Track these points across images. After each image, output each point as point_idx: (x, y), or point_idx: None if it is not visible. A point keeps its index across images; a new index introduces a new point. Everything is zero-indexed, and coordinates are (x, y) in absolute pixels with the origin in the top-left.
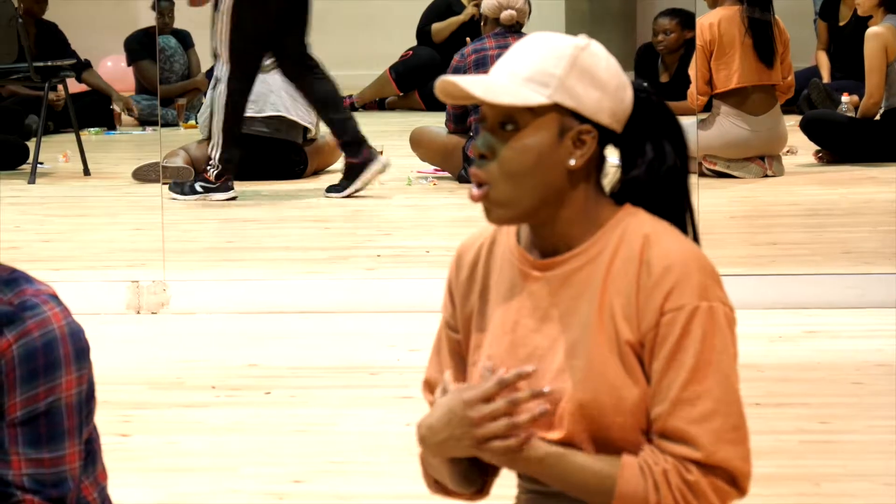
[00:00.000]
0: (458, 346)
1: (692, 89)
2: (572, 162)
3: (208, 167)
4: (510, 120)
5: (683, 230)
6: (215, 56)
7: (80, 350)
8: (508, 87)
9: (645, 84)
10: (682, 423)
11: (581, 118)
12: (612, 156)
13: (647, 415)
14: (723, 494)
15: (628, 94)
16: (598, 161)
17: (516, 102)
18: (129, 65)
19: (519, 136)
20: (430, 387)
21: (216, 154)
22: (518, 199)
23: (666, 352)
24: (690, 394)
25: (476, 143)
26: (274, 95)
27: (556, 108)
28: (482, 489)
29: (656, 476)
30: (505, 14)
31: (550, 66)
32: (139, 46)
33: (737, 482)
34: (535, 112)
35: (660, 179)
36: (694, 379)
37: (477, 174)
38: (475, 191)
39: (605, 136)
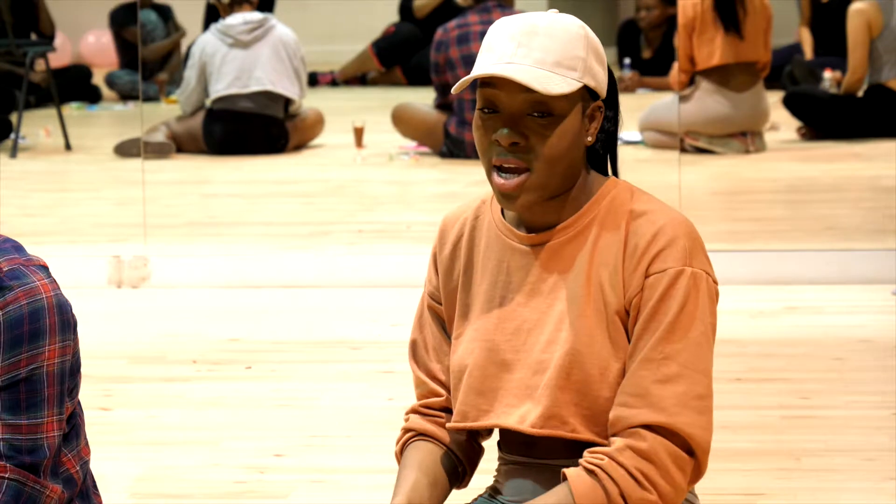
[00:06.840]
0: (441, 316)
1: (675, 68)
2: (589, 139)
3: None
4: (543, 107)
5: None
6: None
7: (66, 322)
8: (550, 77)
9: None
10: (647, 381)
11: (593, 94)
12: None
13: None
14: (681, 462)
15: None
16: None
17: (565, 90)
18: (115, 37)
19: (557, 121)
20: (415, 349)
21: None
22: (552, 182)
23: (645, 313)
24: (658, 353)
25: (502, 134)
26: (259, 69)
27: (581, 89)
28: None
29: (607, 468)
30: None
31: (574, 49)
32: (125, 19)
33: (694, 452)
34: (568, 97)
35: (612, 140)
36: (666, 339)
37: (515, 162)
38: (510, 180)
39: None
